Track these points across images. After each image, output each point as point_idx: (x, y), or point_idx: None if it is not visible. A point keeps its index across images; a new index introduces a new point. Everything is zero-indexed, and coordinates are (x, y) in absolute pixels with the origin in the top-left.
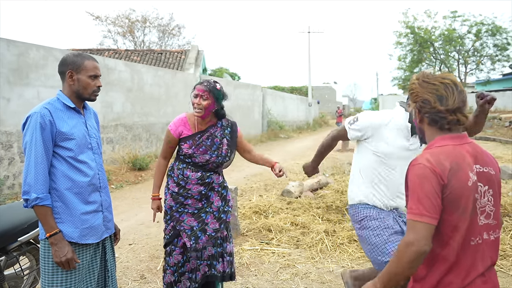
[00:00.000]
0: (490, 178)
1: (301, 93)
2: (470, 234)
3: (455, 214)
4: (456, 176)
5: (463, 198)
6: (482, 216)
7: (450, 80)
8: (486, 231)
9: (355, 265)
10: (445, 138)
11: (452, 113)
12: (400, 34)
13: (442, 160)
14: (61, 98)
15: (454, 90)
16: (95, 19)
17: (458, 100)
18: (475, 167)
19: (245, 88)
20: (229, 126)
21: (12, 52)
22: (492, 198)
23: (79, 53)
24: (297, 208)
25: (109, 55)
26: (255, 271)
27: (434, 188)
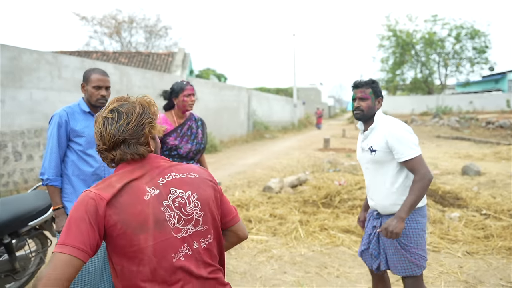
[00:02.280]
0: (192, 182)
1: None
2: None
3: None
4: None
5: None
6: (189, 225)
7: (111, 109)
8: (196, 240)
9: (324, 250)
10: (124, 165)
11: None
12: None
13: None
14: (80, 104)
15: (112, 122)
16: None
17: (116, 133)
18: (162, 178)
19: (230, 90)
20: (200, 120)
21: (5, 56)
22: (199, 202)
23: (93, 68)
24: (276, 202)
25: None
26: (235, 255)
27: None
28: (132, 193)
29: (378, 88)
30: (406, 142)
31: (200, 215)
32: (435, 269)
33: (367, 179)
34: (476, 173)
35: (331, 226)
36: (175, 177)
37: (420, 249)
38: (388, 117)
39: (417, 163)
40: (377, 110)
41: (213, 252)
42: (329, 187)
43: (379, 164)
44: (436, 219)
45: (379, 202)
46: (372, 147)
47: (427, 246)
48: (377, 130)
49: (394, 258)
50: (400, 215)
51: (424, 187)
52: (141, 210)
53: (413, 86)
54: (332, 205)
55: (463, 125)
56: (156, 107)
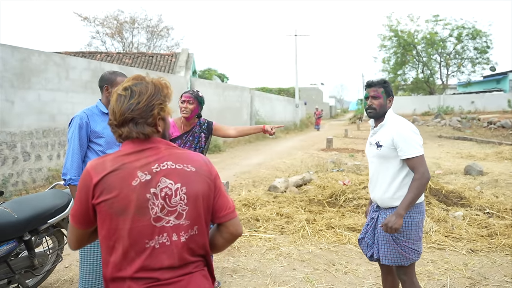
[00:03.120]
0: (185, 175)
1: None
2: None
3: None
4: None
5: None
6: (171, 216)
7: (124, 88)
8: (176, 232)
9: (331, 247)
10: (128, 143)
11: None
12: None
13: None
14: (99, 105)
15: (124, 100)
16: (83, 20)
17: (126, 110)
18: (157, 165)
19: (233, 90)
20: (206, 123)
21: (15, 58)
22: (186, 196)
23: (113, 71)
24: (282, 201)
25: (101, 58)
26: (245, 253)
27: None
28: (122, 176)
29: (390, 88)
30: (411, 141)
31: (184, 209)
32: (440, 266)
33: (371, 171)
34: (479, 172)
35: (337, 224)
36: (170, 167)
37: (411, 243)
38: (398, 117)
39: (418, 162)
40: (389, 109)
41: (193, 248)
42: (333, 187)
43: (384, 159)
44: (441, 218)
45: (378, 195)
46: (379, 143)
47: (432, 244)
48: (386, 128)
49: (385, 248)
50: (399, 212)
51: (422, 185)
52: (126, 194)
53: (415, 86)
54: (338, 204)
55: (465, 125)
56: (170, 90)
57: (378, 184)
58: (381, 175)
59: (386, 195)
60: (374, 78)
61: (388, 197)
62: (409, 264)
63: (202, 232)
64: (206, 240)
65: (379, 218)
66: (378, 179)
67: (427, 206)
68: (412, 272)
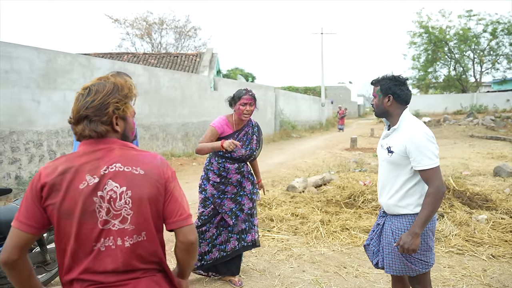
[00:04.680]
0: (132, 178)
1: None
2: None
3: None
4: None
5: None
6: (116, 220)
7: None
8: (120, 236)
9: (344, 249)
10: (84, 143)
11: (76, 123)
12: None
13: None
14: None
15: (80, 98)
16: (114, 22)
17: (81, 108)
18: (106, 168)
19: (258, 89)
20: (256, 126)
21: (41, 59)
22: (131, 200)
23: (118, 72)
24: (299, 202)
25: (128, 58)
26: (256, 253)
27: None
28: (70, 179)
29: (387, 85)
30: (425, 151)
31: (129, 214)
32: (457, 272)
33: (379, 175)
34: (509, 174)
35: (352, 226)
36: (118, 169)
37: (419, 253)
38: (413, 120)
39: (432, 174)
40: (393, 109)
41: (142, 254)
42: (353, 187)
43: (394, 165)
44: (462, 221)
45: (384, 200)
46: (390, 148)
47: (451, 248)
48: (399, 132)
49: (390, 257)
50: (415, 231)
51: (437, 200)
52: (72, 197)
53: (446, 84)
54: (355, 205)
55: (499, 124)
56: (133, 92)
57: (385, 190)
58: (390, 181)
59: (391, 201)
60: (380, 76)
61: (393, 204)
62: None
63: (152, 238)
64: (158, 247)
65: (385, 225)
66: (386, 184)
67: (449, 208)
68: (426, 280)
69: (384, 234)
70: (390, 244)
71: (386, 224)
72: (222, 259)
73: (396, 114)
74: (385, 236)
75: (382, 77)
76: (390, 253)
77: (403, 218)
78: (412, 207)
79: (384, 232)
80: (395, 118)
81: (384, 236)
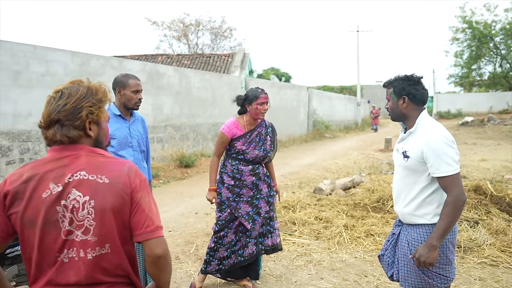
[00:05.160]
0: (96, 187)
1: (351, 92)
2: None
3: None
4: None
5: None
6: (79, 231)
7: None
8: (83, 248)
9: (367, 256)
10: (51, 150)
11: (45, 128)
12: (457, 30)
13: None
14: (111, 108)
15: (52, 102)
16: (152, 24)
17: (52, 111)
18: (71, 176)
19: (290, 89)
20: (270, 126)
21: (75, 62)
22: (94, 210)
23: (126, 74)
24: (324, 205)
25: (162, 60)
26: (274, 257)
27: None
28: (33, 187)
29: (400, 86)
30: (443, 156)
31: (92, 225)
32: (489, 285)
33: (394, 181)
34: None
35: (378, 232)
36: (82, 178)
37: (437, 267)
38: (432, 123)
39: (451, 181)
40: (409, 111)
41: (107, 267)
42: (383, 190)
43: (410, 171)
44: (499, 229)
45: (399, 208)
46: (406, 153)
47: (484, 259)
48: (415, 136)
49: (405, 270)
50: (432, 243)
51: (457, 210)
52: (35, 206)
53: (492, 81)
54: (384, 210)
55: None
56: (107, 95)
57: (401, 197)
58: (405, 188)
59: (406, 209)
60: (392, 77)
61: (409, 213)
62: None
63: (117, 250)
64: (123, 260)
65: (401, 234)
66: (401, 191)
67: (485, 215)
68: None
69: (400, 245)
70: (405, 256)
71: (402, 234)
72: (240, 264)
73: (413, 116)
74: (401, 247)
75: (395, 78)
76: (406, 265)
77: (420, 228)
78: (430, 217)
79: (400, 242)
80: (412, 120)
81: (400, 246)
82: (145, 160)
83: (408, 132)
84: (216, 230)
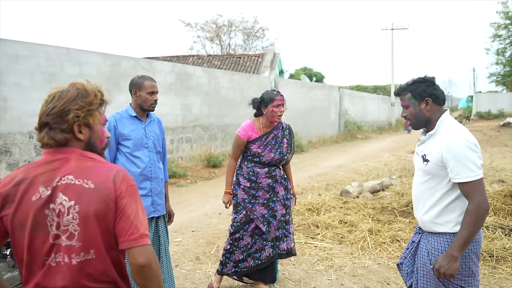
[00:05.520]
0: (82, 192)
1: (385, 92)
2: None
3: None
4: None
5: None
6: (64, 236)
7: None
8: (67, 253)
9: (391, 263)
10: (44, 152)
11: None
12: (499, 26)
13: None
14: (128, 109)
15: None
16: (186, 25)
17: (42, 114)
18: (59, 179)
19: (320, 89)
20: (288, 128)
21: (107, 64)
22: (78, 215)
23: (142, 76)
24: (351, 208)
25: (193, 60)
26: (294, 261)
27: None
28: (24, 190)
29: (421, 88)
30: (465, 161)
31: (76, 230)
32: None
33: (414, 185)
34: None
35: (404, 237)
36: (69, 182)
37: (458, 279)
38: (453, 124)
39: (473, 188)
40: (433, 114)
41: (92, 273)
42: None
43: (430, 175)
44: None
45: (419, 215)
46: (425, 156)
47: None
48: (435, 138)
49: (424, 280)
50: (452, 254)
51: (479, 219)
52: (25, 209)
53: None
54: (412, 214)
55: None
56: (98, 98)
57: (420, 203)
58: (425, 194)
59: (427, 217)
60: (403, 83)
61: (429, 221)
62: None
63: (102, 257)
64: (108, 267)
65: (421, 243)
66: (421, 197)
67: None
68: None
69: (419, 254)
70: (425, 266)
71: (422, 242)
72: (257, 267)
73: (436, 118)
74: (420, 256)
75: (412, 82)
76: (425, 275)
77: (440, 237)
78: (452, 225)
79: (420, 251)
80: (434, 122)
81: (419, 256)
82: (162, 161)
83: (428, 134)
84: (232, 232)
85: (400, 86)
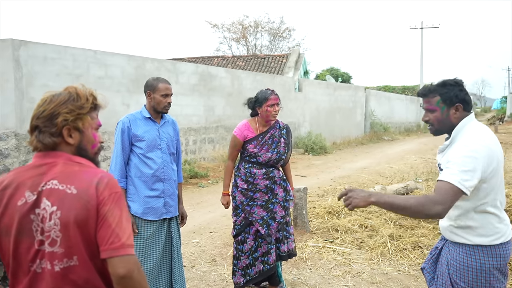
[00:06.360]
0: (64, 197)
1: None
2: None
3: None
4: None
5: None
6: (47, 241)
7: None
8: (50, 260)
9: (412, 270)
10: (34, 156)
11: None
12: None
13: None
14: (142, 111)
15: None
16: (212, 27)
17: (33, 118)
18: (44, 184)
19: (346, 90)
20: (285, 128)
21: (131, 65)
22: (59, 221)
23: (157, 78)
24: (372, 212)
25: (217, 61)
26: (311, 265)
27: None
28: (10, 194)
29: (453, 93)
30: (455, 165)
31: (58, 236)
32: None
33: None
34: None
35: (427, 244)
36: (53, 187)
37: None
38: (473, 131)
39: (442, 188)
40: (460, 120)
41: (76, 280)
42: None
43: None
44: None
45: (441, 222)
46: (440, 165)
47: None
48: (453, 146)
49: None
50: (371, 195)
51: (418, 211)
52: (10, 214)
53: None
54: (436, 220)
55: None
56: (89, 101)
57: None
58: None
59: (445, 223)
60: (430, 84)
61: (449, 229)
62: None
63: (85, 264)
64: (92, 275)
65: (443, 251)
66: None
67: None
68: None
69: (440, 262)
70: (443, 275)
71: (444, 251)
72: (268, 273)
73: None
74: (440, 265)
75: (442, 84)
76: (443, 284)
77: (460, 248)
78: (471, 237)
79: (441, 259)
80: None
81: (440, 264)
82: (176, 162)
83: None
84: (234, 235)
85: (427, 87)
